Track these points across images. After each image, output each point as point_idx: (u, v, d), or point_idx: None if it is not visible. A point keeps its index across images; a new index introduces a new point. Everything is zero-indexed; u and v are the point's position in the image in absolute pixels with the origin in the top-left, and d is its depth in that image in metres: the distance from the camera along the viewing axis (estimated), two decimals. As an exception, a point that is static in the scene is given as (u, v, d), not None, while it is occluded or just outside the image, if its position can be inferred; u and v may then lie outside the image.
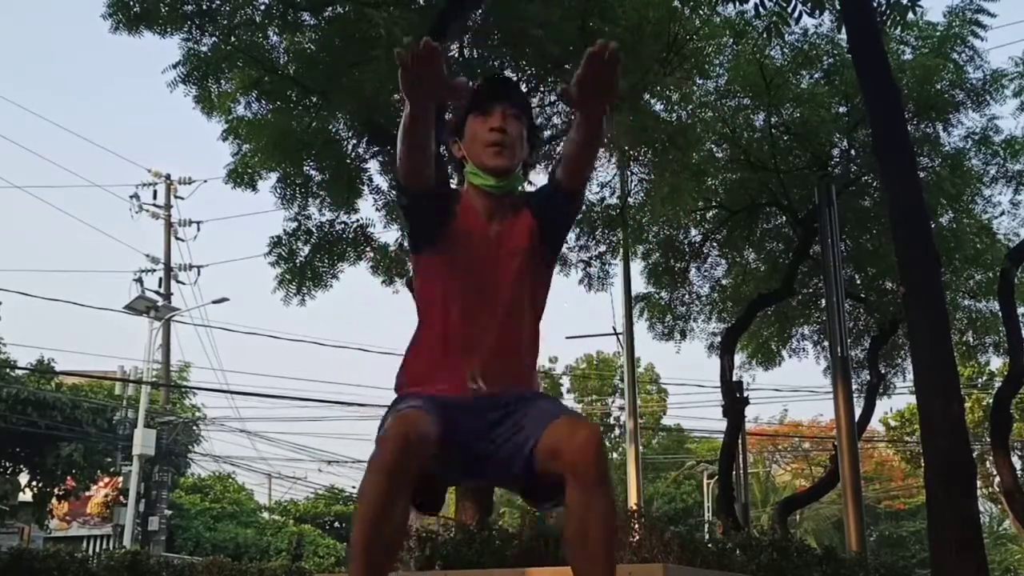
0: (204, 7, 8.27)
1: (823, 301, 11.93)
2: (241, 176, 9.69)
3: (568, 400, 35.80)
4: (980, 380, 23.75)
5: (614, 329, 17.62)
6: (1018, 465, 21.15)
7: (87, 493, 22.30)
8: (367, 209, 11.98)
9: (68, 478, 19.25)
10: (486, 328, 2.42)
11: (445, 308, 2.44)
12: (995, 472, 17.03)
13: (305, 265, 10.02)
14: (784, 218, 12.66)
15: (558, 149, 9.99)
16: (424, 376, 2.41)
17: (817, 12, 8.08)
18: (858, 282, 13.37)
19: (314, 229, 10.09)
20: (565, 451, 2.14)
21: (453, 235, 2.44)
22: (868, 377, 13.56)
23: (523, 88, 2.63)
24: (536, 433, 2.23)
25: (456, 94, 2.25)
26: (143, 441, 20.06)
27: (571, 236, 11.67)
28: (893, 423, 29.32)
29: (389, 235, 10.65)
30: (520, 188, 2.57)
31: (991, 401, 14.02)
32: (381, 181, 10.14)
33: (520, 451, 2.26)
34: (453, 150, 2.56)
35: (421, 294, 2.54)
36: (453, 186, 2.68)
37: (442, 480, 2.40)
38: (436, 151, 2.43)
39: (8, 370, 18.58)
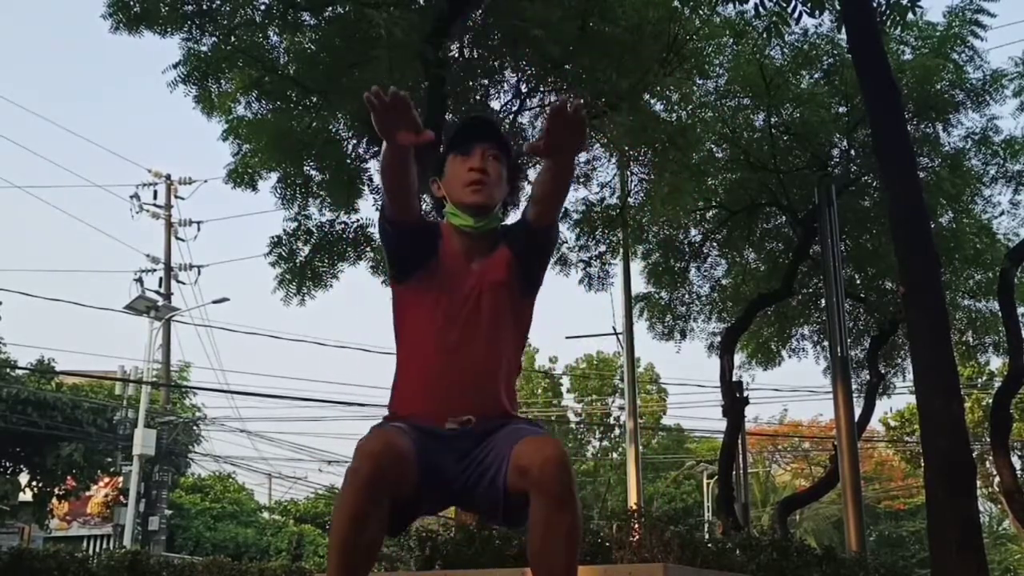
0: (204, 7, 8.26)
1: (823, 301, 11.93)
2: (241, 176, 9.69)
3: (568, 400, 35.85)
4: (980, 380, 23.75)
5: (614, 329, 17.61)
6: (1018, 465, 21.16)
7: (87, 493, 22.31)
8: (367, 209, 11.95)
9: (68, 478, 19.25)
10: (466, 360, 2.44)
11: (425, 340, 2.47)
12: (995, 472, 17.04)
13: (305, 265, 10.02)
14: (784, 218, 12.66)
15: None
16: (407, 405, 2.45)
17: (817, 12, 8.07)
18: (858, 282, 13.38)
19: (314, 229, 10.09)
20: (530, 468, 2.15)
21: (434, 269, 2.48)
22: (868, 377, 13.57)
23: (487, 119, 2.61)
24: (506, 454, 2.25)
25: (422, 143, 2.28)
26: (143, 441, 20.07)
27: (571, 236, 11.69)
28: (893, 423, 29.33)
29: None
30: (497, 225, 2.58)
31: (991, 401, 14.01)
32: (381, 181, 10.13)
33: (497, 475, 2.28)
34: (433, 189, 2.59)
35: (402, 325, 2.55)
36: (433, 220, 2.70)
37: (413, 506, 2.39)
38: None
39: (8, 370, 18.58)
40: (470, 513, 2.50)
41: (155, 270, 24.72)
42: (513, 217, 2.77)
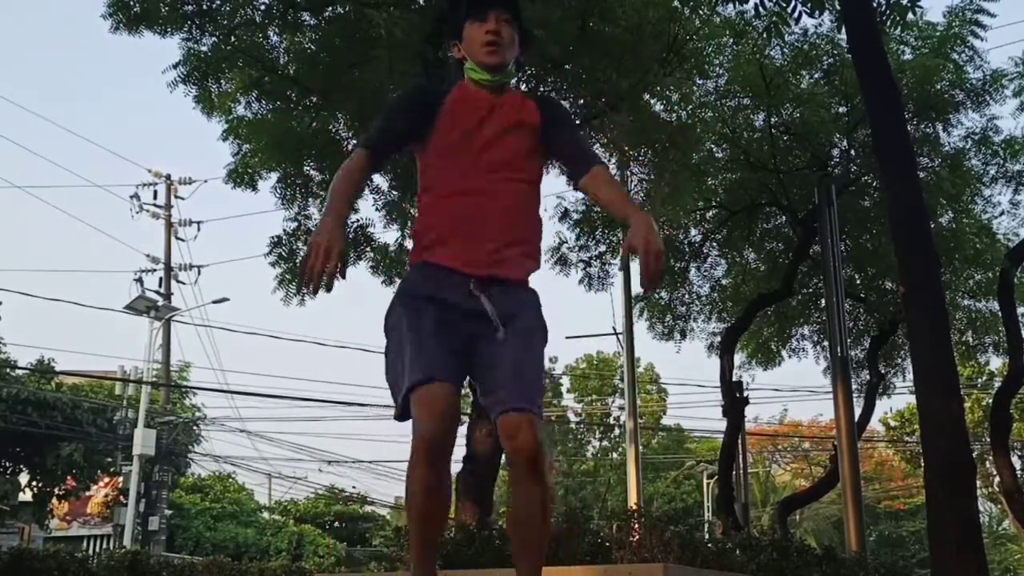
0: (204, 7, 8.26)
1: (823, 301, 11.93)
2: (241, 176, 9.69)
3: (568, 400, 35.83)
4: (980, 380, 23.75)
5: (614, 329, 17.61)
6: (1018, 465, 21.16)
7: (87, 493, 22.30)
8: (367, 209, 11.96)
9: (68, 478, 19.25)
10: (488, 193, 2.66)
11: (449, 179, 2.70)
12: (995, 472, 17.04)
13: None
14: (784, 218, 12.66)
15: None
16: (430, 248, 2.67)
17: (817, 12, 8.06)
18: (858, 282, 13.37)
19: (314, 229, 10.07)
20: (510, 448, 2.53)
21: (446, 122, 2.73)
22: (868, 377, 13.56)
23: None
24: (498, 406, 2.55)
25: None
26: (143, 441, 20.07)
27: (571, 236, 11.70)
28: (893, 423, 29.33)
29: (389, 235, 10.67)
30: (513, 82, 2.88)
31: (991, 401, 14.01)
32: (381, 181, 10.14)
33: (488, 404, 2.59)
34: (453, 51, 2.89)
35: (425, 176, 2.78)
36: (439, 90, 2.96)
37: None
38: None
39: (8, 370, 18.58)
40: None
41: (155, 270, 24.74)
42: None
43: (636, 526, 4.79)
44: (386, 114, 2.86)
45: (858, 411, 12.41)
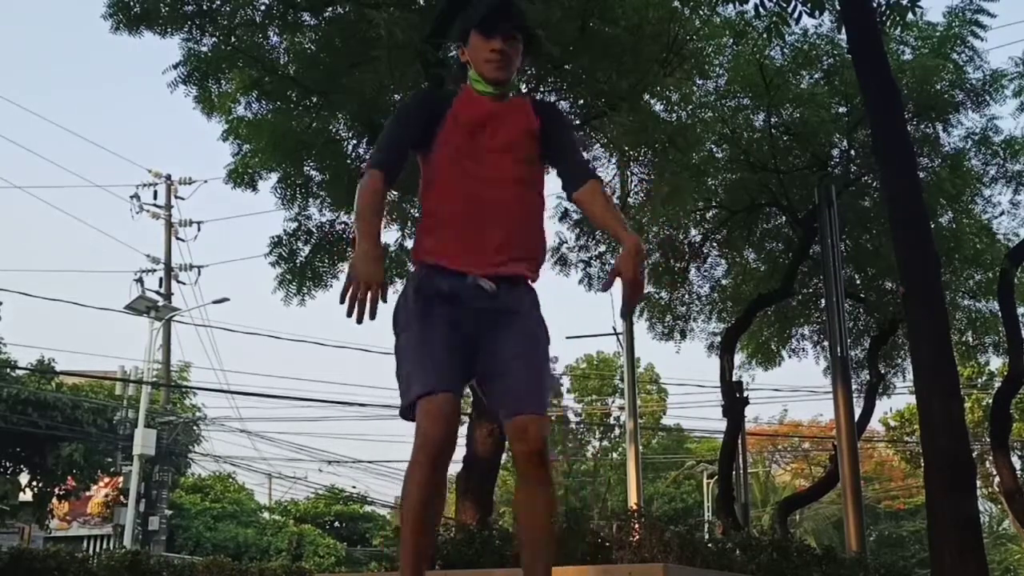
0: (204, 7, 8.26)
1: (823, 301, 11.92)
2: (241, 176, 9.69)
3: (568, 400, 35.81)
4: (980, 380, 23.73)
5: (614, 329, 17.63)
6: (1018, 465, 21.16)
7: (87, 493, 22.32)
8: (367, 209, 12.02)
9: (68, 478, 19.27)
10: (493, 197, 2.70)
11: (451, 184, 2.74)
12: (995, 472, 17.03)
13: (305, 265, 10.02)
14: (784, 218, 12.65)
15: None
16: (436, 248, 2.71)
17: (817, 12, 8.04)
18: (858, 282, 13.37)
19: (314, 229, 10.08)
20: (517, 450, 2.61)
21: (451, 128, 2.77)
22: (868, 377, 13.56)
23: (509, 5, 2.89)
24: (509, 408, 2.63)
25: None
26: (143, 441, 20.06)
27: (571, 236, 11.70)
28: (893, 423, 29.32)
29: (389, 235, 10.65)
30: (513, 90, 2.93)
31: (991, 401, 14.01)
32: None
33: (497, 405, 2.68)
34: (458, 54, 2.95)
35: (428, 180, 2.82)
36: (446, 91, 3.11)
37: None
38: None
39: (8, 370, 18.59)
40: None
41: (155, 270, 24.76)
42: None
43: (636, 526, 4.79)
44: (393, 129, 2.89)
45: (858, 411, 12.42)
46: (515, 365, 2.63)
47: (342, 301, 2.54)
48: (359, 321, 2.52)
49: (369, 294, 2.52)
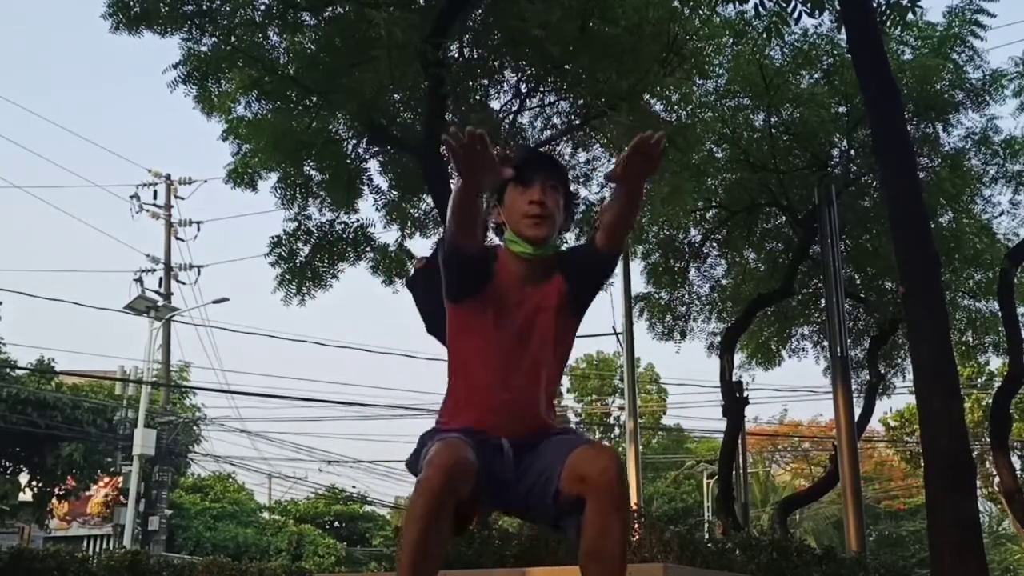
0: (204, 7, 8.26)
1: (823, 301, 11.92)
2: (241, 176, 9.69)
3: (568, 400, 35.83)
4: (980, 380, 23.73)
5: (614, 329, 17.57)
6: (1018, 465, 21.17)
7: (87, 493, 22.31)
8: (367, 209, 11.95)
9: (68, 478, 19.26)
10: (515, 380, 2.58)
11: (477, 359, 2.60)
12: (995, 472, 17.03)
13: (305, 265, 10.02)
14: (784, 218, 12.65)
15: (558, 149, 9.99)
16: (458, 418, 2.58)
17: (817, 12, 8.05)
18: (858, 282, 13.37)
19: (314, 229, 10.09)
20: (589, 475, 2.35)
21: (490, 292, 2.60)
22: (868, 377, 13.56)
23: (546, 154, 2.75)
24: (560, 459, 2.42)
25: (500, 178, 2.47)
26: (143, 441, 20.06)
27: (571, 236, 11.67)
28: (893, 423, 29.32)
29: (389, 235, 10.66)
30: (553, 252, 2.69)
31: (991, 401, 14.01)
32: (381, 181, 10.14)
33: (548, 483, 2.44)
34: (493, 215, 2.69)
35: (455, 346, 2.66)
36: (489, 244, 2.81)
37: (473, 505, 2.50)
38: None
39: (8, 370, 18.59)
40: (521, 518, 2.61)
41: (155, 270, 24.73)
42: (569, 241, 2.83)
43: (636, 526, 4.79)
44: (462, 265, 2.61)
45: (858, 411, 12.42)
46: (552, 449, 2.51)
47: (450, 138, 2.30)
48: (485, 182, 2.40)
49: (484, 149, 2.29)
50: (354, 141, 9.74)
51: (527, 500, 2.52)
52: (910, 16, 8.26)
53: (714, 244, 13.12)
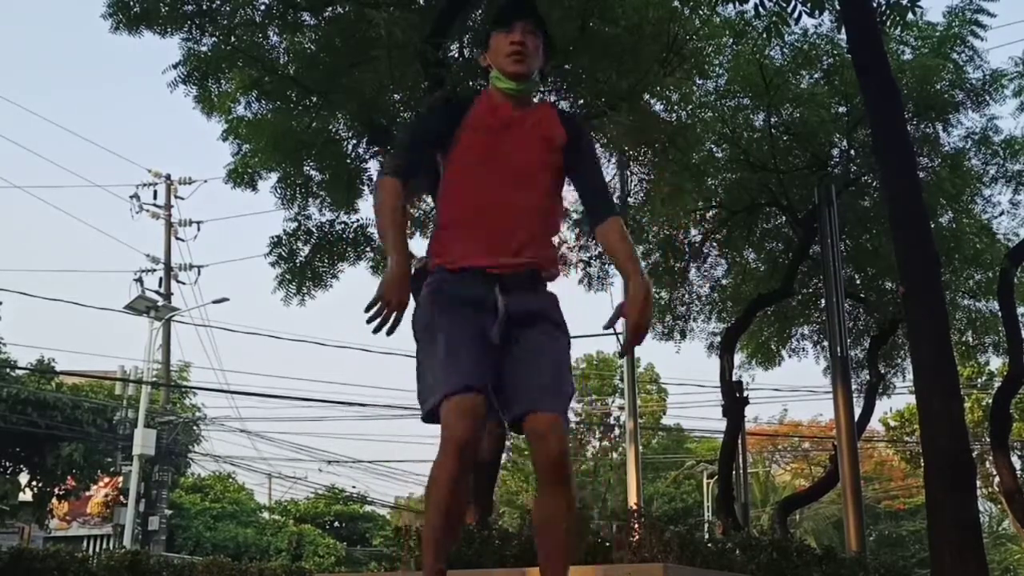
0: (204, 7, 8.26)
1: (823, 301, 11.93)
2: (241, 176, 9.69)
3: (568, 400, 35.75)
4: (980, 380, 23.73)
5: (614, 329, 17.59)
6: (1018, 465, 21.16)
7: (87, 493, 22.31)
8: (367, 209, 11.94)
9: (68, 478, 19.26)
10: (511, 196, 2.74)
11: (469, 182, 2.78)
12: (995, 472, 17.03)
13: (305, 265, 10.02)
14: (784, 218, 12.65)
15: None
16: (455, 251, 2.73)
17: (817, 12, 8.05)
18: (858, 282, 13.37)
19: (314, 229, 10.08)
20: (537, 452, 2.58)
21: (468, 135, 2.79)
22: (868, 377, 13.56)
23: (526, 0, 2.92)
24: (529, 395, 2.60)
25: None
26: (143, 441, 20.06)
27: (571, 236, 11.69)
28: (893, 423, 29.31)
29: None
30: (537, 92, 2.99)
31: (991, 401, 14.01)
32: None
33: (513, 402, 2.63)
34: (480, 60, 3.00)
35: (448, 180, 2.84)
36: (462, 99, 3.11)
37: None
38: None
39: (8, 370, 18.59)
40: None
41: (155, 270, 24.73)
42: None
43: (636, 526, 4.79)
44: (410, 133, 3.00)
45: (858, 411, 12.42)
46: (540, 363, 2.63)
47: (367, 311, 2.61)
48: (389, 334, 2.66)
49: (394, 315, 2.60)
50: (354, 141, 9.73)
51: (494, 377, 2.66)
52: (910, 16, 8.25)
53: (714, 244, 13.12)
